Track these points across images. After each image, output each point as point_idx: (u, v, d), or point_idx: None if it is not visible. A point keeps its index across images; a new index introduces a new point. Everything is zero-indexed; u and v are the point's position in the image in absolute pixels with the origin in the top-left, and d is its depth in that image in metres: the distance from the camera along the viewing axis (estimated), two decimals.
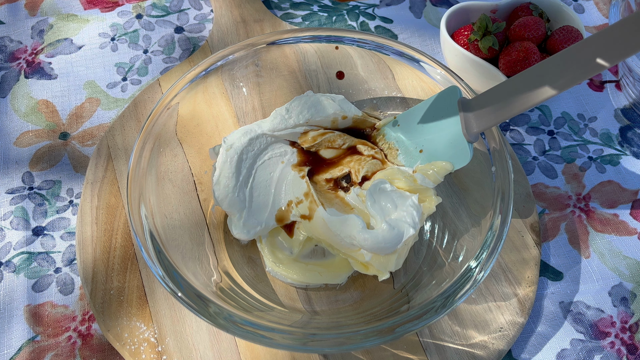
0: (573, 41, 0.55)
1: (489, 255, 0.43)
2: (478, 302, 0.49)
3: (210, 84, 0.52)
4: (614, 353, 0.49)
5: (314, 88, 0.57)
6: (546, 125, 0.61)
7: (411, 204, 0.47)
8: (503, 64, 0.55)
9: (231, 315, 0.41)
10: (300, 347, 0.40)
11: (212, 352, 0.46)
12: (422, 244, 0.51)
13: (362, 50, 0.54)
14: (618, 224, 0.55)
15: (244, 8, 0.66)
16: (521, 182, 0.55)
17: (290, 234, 0.50)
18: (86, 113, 0.60)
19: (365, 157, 0.52)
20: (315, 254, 0.50)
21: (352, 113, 0.52)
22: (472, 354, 0.47)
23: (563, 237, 0.54)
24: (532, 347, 0.49)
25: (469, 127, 0.46)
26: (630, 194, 0.57)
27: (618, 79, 0.63)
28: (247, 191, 0.50)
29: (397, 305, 0.46)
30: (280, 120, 0.51)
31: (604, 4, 0.70)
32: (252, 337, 0.40)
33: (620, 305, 0.51)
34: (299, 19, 0.68)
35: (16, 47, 0.64)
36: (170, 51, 0.64)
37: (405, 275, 0.49)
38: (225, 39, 0.64)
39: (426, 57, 0.51)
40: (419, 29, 0.67)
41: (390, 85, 0.56)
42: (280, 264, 0.49)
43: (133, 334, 0.47)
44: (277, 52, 0.55)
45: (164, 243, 0.44)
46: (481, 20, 0.56)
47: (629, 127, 0.61)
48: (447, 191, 0.52)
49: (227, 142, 0.50)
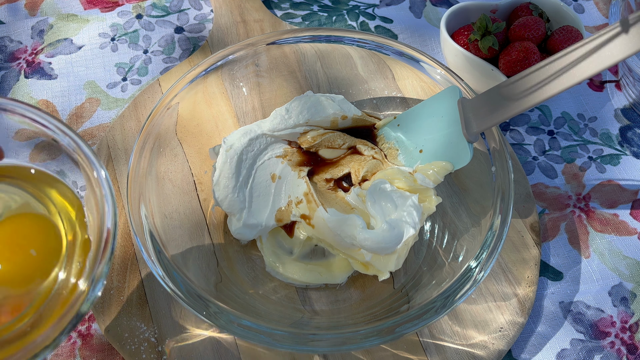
0: (573, 41, 0.55)
1: (489, 255, 0.43)
2: (478, 302, 0.49)
3: (210, 84, 0.52)
4: (613, 353, 0.49)
5: (314, 88, 0.57)
6: (546, 125, 0.61)
7: (411, 204, 0.47)
8: (503, 64, 0.55)
9: (231, 315, 0.41)
10: (300, 347, 0.40)
11: (212, 352, 0.46)
12: (422, 244, 0.51)
13: (362, 50, 0.54)
14: (618, 224, 0.55)
15: (244, 8, 0.66)
16: (521, 182, 0.55)
17: (290, 234, 0.50)
18: (86, 113, 0.60)
19: (365, 157, 0.52)
20: (315, 254, 0.50)
21: (351, 113, 0.52)
22: (472, 354, 0.47)
23: (563, 237, 0.54)
24: (532, 347, 0.49)
25: (469, 127, 0.46)
26: (630, 194, 0.57)
27: (618, 79, 0.63)
28: (247, 191, 0.50)
29: (397, 305, 0.46)
30: (280, 121, 0.51)
31: (604, 4, 0.70)
32: (252, 337, 0.40)
33: (620, 305, 0.51)
34: (299, 19, 0.68)
35: (16, 47, 0.64)
36: (170, 51, 0.64)
37: (405, 275, 0.49)
38: (225, 39, 0.64)
39: (426, 57, 0.51)
40: (419, 29, 0.67)
41: (390, 85, 0.56)
42: (280, 264, 0.49)
43: (133, 334, 0.47)
44: (277, 52, 0.55)
45: (164, 243, 0.44)
46: (481, 20, 0.56)
47: (629, 127, 0.61)
48: (447, 191, 0.52)
49: (227, 143, 0.50)
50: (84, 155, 0.36)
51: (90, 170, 0.36)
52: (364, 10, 0.68)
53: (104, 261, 0.33)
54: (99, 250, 0.34)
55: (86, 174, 0.37)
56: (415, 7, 0.69)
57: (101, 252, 0.33)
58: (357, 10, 0.69)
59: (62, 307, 0.34)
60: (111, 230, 0.34)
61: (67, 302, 0.33)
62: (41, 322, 0.34)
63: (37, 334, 0.33)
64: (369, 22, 0.68)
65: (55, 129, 0.37)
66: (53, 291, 0.35)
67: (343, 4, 0.69)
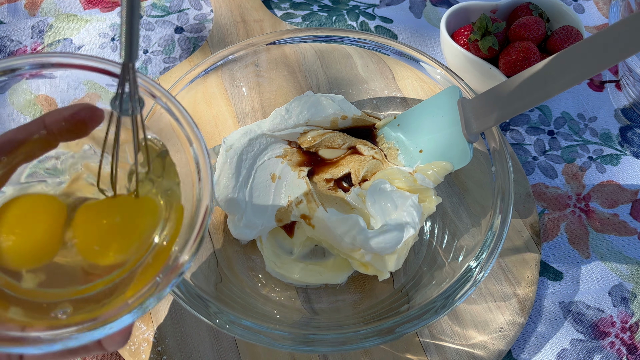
0: (573, 41, 0.55)
1: (489, 255, 0.43)
2: (478, 302, 0.49)
3: (210, 84, 0.52)
4: (614, 353, 0.49)
5: (314, 88, 0.57)
6: (546, 125, 0.61)
7: (411, 204, 0.47)
8: (503, 64, 0.55)
9: (231, 315, 0.41)
10: (300, 347, 0.40)
11: (212, 352, 0.46)
12: (422, 244, 0.51)
13: (362, 50, 0.54)
14: (618, 224, 0.55)
15: (244, 8, 0.66)
16: (521, 182, 0.55)
17: (290, 234, 0.50)
18: None
19: (365, 157, 0.52)
20: (315, 254, 0.50)
21: (351, 113, 0.52)
22: (472, 354, 0.47)
23: (563, 237, 0.54)
24: (532, 347, 0.49)
25: (469, 127, 0.46)
26: (630, 194, 0.57)
27: (618, 79, 0.63)
28: (247, 191, 0.50)
29: (397, 305, 0.46)
30: (280, 121, 0.51)
31: (604, 4, 0.70)
32: (252, 337, 0.40)
33: (620, 305, 0.51)
34: (299, 19, 0.68)
35: (16, 47, 0.64)
36: (170, 51, 0.64)
37: (405, 275, 0.49)
38: (225, 39, 0.64)
39: (426, 57, 0.51)
40: (419, 29, 0.67)
41: (390, 85, 0.56)
42: (280, 264, 0.49)
43: (133, 334, 0.47)
44: (277, 52, 0.55)
45: None
46: (481, 20, 0.56)
47: (629, 127, 0.61)
48: (447, 191, 0.52)
49: (227, 143, 0.50)
50: (188, 124, 0.35)
51: (189, 142, 0.35)
52: (364, 10, 0.68)
53: (199, 237, 0.32)
54: (194, 223, 0.33)
55: (185, 143, 0.36)
56: (415, 7, 0.69)
57: (198, 226, 0.32)
58: (357, 10, 0.69)
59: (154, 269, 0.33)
60: (209, 206, 0.33)
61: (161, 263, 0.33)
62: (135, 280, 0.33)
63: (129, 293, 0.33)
64: (369, 22, 0.68)
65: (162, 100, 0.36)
66: (149, 251, 0.35)
67: (343, 4, 0.69)
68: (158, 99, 0.35)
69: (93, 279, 0.34)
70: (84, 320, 0.30)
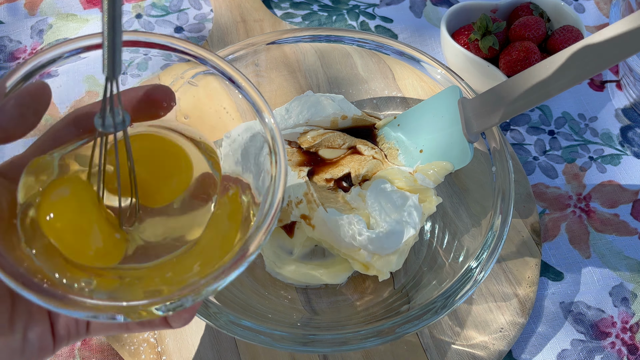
0: (573, 41, 0.55)
1: (489, 255, 0.43)
2: (478, 303, 0.49)
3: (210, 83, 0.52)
4: (614, 353, 0.49)
5: (314, 88, 0.57)
6: (547, 125, 0.61)
7: (411, 204, 0.46)
8: (503, 64, 0.55)
9: (231, 315, 0.40)
10: (300, 347, 0.40)
11: (212, 352, 0.46)
12: (422, 244, 0.50)
13: (362, 50, 0.54)
14: (618, 224, 0.55)
15: (243, 8, 0.66)
16: (521, 182, 0.55)
17: (290, 234, 0.50)
18: None
19: (366, 157, 0.52)
20: (315, 254, 0.50)
21: (351, 113, 0.52)
22: (473, 354, 0.47)
23: (563, 237, 0.54)
24: (533, 348, 0.49)
25: (470, 127, 0.46)
26: (631, 194, 0.56)
27: (618, 79, 0.63)
28: None
29: (397, 305, 0.46)
30: (280, 121, 0.51)
31: (604, 4, 0.70)
32: (252, 338, 0.40)
33: (621, 305, 0.51)
34: (299, 18, 0.68)
35: (16, 47, 0.64)
36: None
37: (406, 275, 0.49)
38: (225, 39, 0.64)
39: (426, 57, 0.51)
40: (419, 29, 0.67)
41: (390, 85, 0.56)
42: (280, 264, 0.49)
43: (133, 334, 0.47)
44: (277, 51, 0.55)
45: None
46: (481, 20, 0.55)
47: (629, 127, 0.61)
48: (448, 191, 0.52)
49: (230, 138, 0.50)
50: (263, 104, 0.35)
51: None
52: (364, 10, 0.68)
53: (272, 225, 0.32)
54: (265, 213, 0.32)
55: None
56: (415, 6, 0.69)
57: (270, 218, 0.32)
58: (357, 10, 0.68)
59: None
60: (281, 200, 0.33)
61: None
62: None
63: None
64: (369, 21, 0.67)
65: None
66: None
67: (343, 4, 0.69)
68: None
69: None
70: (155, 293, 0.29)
